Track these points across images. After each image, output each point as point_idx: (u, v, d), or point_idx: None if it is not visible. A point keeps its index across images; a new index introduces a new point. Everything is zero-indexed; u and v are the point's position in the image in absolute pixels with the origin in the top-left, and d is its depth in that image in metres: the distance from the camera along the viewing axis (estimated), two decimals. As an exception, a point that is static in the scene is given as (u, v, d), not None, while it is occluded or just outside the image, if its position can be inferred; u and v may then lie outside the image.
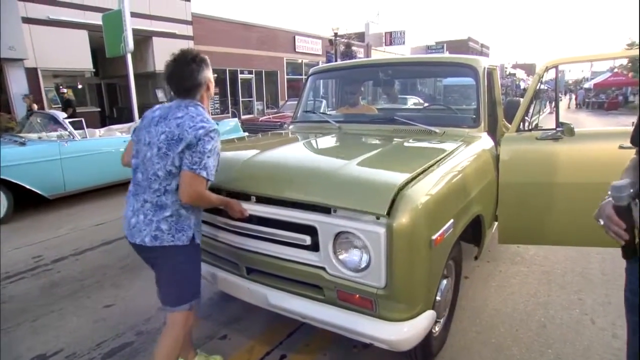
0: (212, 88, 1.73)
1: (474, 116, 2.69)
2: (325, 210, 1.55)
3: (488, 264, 3.27)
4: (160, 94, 13.15)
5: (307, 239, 1.60)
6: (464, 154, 2.13)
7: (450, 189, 1.77)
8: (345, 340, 2.22)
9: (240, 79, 15.90)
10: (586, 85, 30.86)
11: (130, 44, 7.88)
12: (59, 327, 2.60)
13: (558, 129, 2.40)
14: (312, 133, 2.93)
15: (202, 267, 2.09)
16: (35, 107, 9.03)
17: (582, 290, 2.79)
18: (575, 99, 27.66)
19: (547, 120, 3.19)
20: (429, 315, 1.58)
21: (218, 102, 15.57)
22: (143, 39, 12.39)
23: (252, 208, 1.74)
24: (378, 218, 1.41)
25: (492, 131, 2.79)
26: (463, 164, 2.02)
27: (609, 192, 1.01)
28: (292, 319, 1.81)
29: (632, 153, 1.24)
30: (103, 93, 14.54)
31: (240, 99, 16.25)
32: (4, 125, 9.10)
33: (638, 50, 2.23)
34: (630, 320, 1.17)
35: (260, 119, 9.51)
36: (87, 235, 4.33)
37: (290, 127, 3.24)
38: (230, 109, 15.86)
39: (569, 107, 24.46)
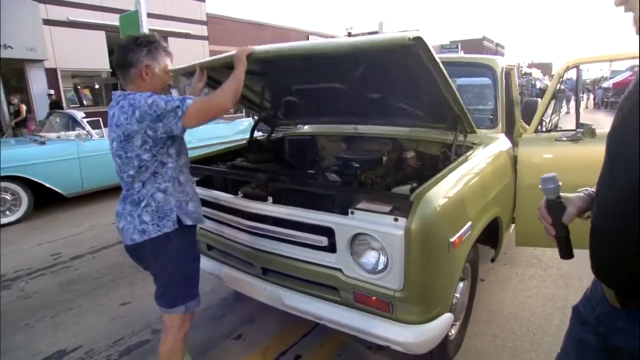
0: (156, 79, 1.57)
1: (492, 117, 2.65)
2: (343, 211, 1.55)
3: (504, 267, 3.22)
4: (175, 93, 13.30)
5: (324, 241, 1.60)
6: (482, 155, 2.10)
7: (468, 191, 1.74)
8: (360, 341, 2.22)
9: (254, 79, 15.99)
10: (605, 84, 30.14)
11: (147, 45, 8.01)
12: (77, 323, 2.65)
13: (578, 130, 2.35)
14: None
15: (216, 267, 2.12)
16: (23, 108, 9.00)
17: (602, 295, 2.73)
18: (594, 98, 27.02)
19: (564, 121, 3.12)
20: (446, 318, 1.56)
21: (231, 102, 15.69)
22: (158, 40, 12.54)
23: (270, 209, 1.75)
24: (396, 220, 1.40)
25: (510, 132, 2.75)
26: (481, 165, 2.00)
27: (540, 185, 0.99)
28: (307, 320, 1.81)
29: None
30: (119, 93, 14.78)
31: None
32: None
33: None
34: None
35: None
36: (104, 234, 4.40)
37: (305, 127, 3.24)
38: (244, 110, 15.94)
39: (587, 107, 23.92)
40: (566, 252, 1.00)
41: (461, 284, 1.95)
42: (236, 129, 7.31)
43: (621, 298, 0.87)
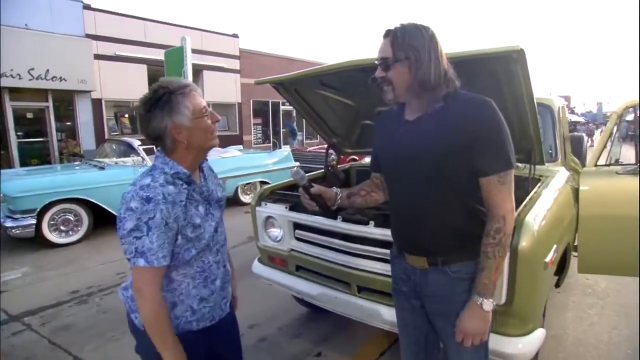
0: (195, 131, 1.17)
1: (551, 151, 2.84)
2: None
3: (559, 295, 3.31)
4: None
5: (426, 260, 1.78)
6: (553, 186, 2.27)
7: (551, 217, 1.91)
8: None
9: (282, 110, 16.55)
10: (628, 117, 29.86)
11: (190, 78, 8.59)
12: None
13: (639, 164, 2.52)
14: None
15: (307, 286, 2.29)
16: (72, 144, 10.03)
17: (664, 324, 2.80)
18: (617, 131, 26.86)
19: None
20: (541, 334, 1.70)
21: (260, 131, 16.21)
22: (194, 72, 13.13)
23: (370, 231, 1.95)
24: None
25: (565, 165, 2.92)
26: (555, 195, 2.17)
27: (292, 178, 1.44)
28: (383, 337, 1.91)
29: None
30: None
31: (281, 130, 16.86)
32: (71, 151, 9.88)
33: None
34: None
35: (307, 149, 9.87)
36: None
37: (367, 159, 3.47)
38: (271, 139, 16.45)
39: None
40: (328, 212, 1.52)
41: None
42: (275, 158, 7.61)
43: (430, 260, 1.28)
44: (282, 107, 16.47)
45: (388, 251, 1.91)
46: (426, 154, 1.21)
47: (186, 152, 1.20)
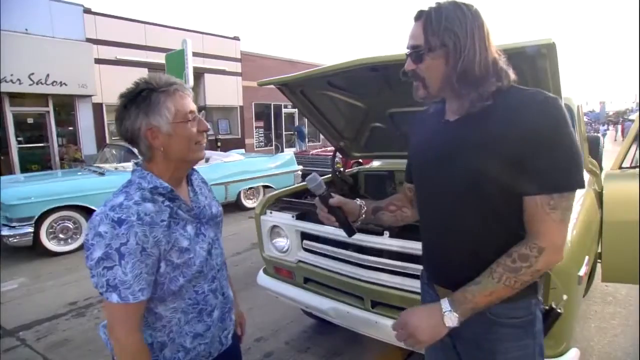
0: (176, 139, 1.02)
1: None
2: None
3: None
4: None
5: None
6: (579, 191, 2.12)
7: (581, 225, 1.77)
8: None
9: (284, 113, 16.43)
10: (632, 116, 29.76)
11: (191, 81, 8.49)
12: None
13: (668, 166, 2.37)
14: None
15: (316, 300, 2.15)
16: (73, 149, 10.06)
17: (695, 336, 2.64)
18: (622, 131, 26.64)
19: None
20: (575, 354, 1.55)
21: (262, 135, 16.08)
22: (195, 75, 13.07)
23: (385, 242, 1.80)
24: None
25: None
26: (581, 200, 2.03)
27: (308, 186, 1.17)
28: (396, 354, 1.79)
29: None
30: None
31: (284, 133, 16.75)
32: (72, 156, 9.79)
33: None
34: None
35: (311, 153, 9.72)
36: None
37: (375, 163, 3.33)
38: (273, 143, 16.33)
39: (615, 140, 23.67)
40: (350, 232, 1.18)
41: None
42: (279, 161, 7.47)
43: None
44: (284, 110, 16.35)
45: (405, 264, 1.78)
46: (458, 159, 0.96)
47: (165, 162, 1.05)
